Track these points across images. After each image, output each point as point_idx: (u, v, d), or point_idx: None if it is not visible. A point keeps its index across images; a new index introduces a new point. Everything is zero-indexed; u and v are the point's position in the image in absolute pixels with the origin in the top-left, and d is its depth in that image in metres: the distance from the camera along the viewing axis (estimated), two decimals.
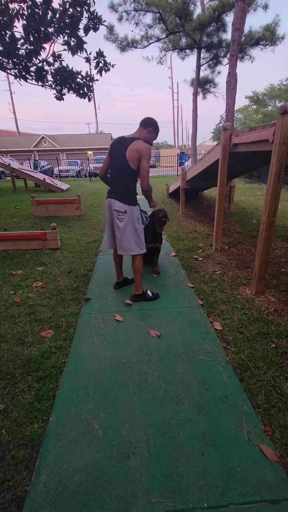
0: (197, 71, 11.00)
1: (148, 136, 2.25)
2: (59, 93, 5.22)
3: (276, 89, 30.16)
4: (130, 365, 1.74)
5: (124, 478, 1.13)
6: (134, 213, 2.27)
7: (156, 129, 2.27)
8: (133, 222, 2.28)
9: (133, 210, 2.27)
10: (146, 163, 2.16)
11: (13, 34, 4.33)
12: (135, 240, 2.32)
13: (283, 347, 1.81)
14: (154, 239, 2.93)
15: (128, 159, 2.14)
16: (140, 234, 2.35)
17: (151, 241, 2.88)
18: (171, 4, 9.59)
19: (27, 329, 2.10)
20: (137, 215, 2.31)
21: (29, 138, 30.93)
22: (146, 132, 2.24)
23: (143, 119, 2.26)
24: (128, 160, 2.15)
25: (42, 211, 5.94)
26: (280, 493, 1.06)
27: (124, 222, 2.26)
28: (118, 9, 9.98)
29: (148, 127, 2.24)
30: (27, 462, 1.20)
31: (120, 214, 2.25)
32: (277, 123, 2.01)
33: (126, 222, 2.26)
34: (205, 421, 1.36)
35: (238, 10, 5.92)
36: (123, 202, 2.25)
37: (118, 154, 2.19)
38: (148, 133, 2.25)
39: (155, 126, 2.26)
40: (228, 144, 3.15)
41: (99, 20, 4.51)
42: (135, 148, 2.12)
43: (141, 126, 2.25)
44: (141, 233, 2.36)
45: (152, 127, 2.25)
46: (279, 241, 3.92)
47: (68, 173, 18.35)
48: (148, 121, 2.25)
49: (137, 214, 2.31)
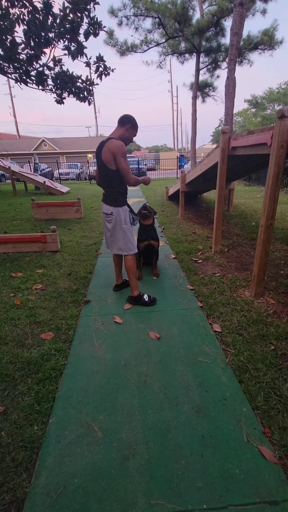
0: (196, 75, 11.09)
1: (126, 134, 2.22)
2: (59, 97, 5.26)
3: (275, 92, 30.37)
4: (130, 367, 1.74)
5: (123, 480, 1.13)
6: (120, 214, 2.27)
7: (134, 126, 2.23)
8: (120, 223, 2.29)
9: (119, 212, 2.27)
10: (121, 161, 2.11)
11: (13, 39, 4.37)
12: (124, 241, 2.33)
13: (282, 349, 1.82)
14: (147, 236, 2.90)
15: (104, 162, 2.14)
16: (129, 234, 2.34)
17: (144, 238, 2.89)
18: (171, 9, 9.69)
19: (27, 331, 2.10)
20: (124, 216, 2.29)
21: (30, 141, 31.06)
22: (124, 130, 2.21)
23: (120, 117, 2.21)
24: (105, 163, 2.14)
25: (42, 214, 5.96)
26: (279, 495, 1.07)
27: (112, 223, 2.30)
28: (117, 14, 10.08)
29: (125, 125, 2.20)
30: (27, 464, 1.20)
31: (107, 216, 2.31)
32: (275, 126, 2.03)
33: (114, 223, 2.29)
34: (204, 423, 1.36)
35: (236, 15, 5.99)
36: (109, 205, 2.28)
37: (98, 158, 2.21)
38: (126, 131, 2.21)
39: (133, 123, 2.22)
40: (227, 147, 3.18)
41: (99, 26, 4.56)
42: (107, 149, 2.10)
43: (118, 124, 2.22)
44: (129, 233, 2.34)
45: (129, 124, 2.20)
46: (278, 244, 3.94)
47: (68, 176, 18.41)
48: (125, 119, 2.20)
49: (124, 215, 2.29)
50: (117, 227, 2.31)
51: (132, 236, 2.37)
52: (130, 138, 2.26)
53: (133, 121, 2.23)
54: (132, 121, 2.21)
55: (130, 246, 2.36)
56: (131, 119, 2.22)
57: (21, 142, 31.57)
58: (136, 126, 2.26)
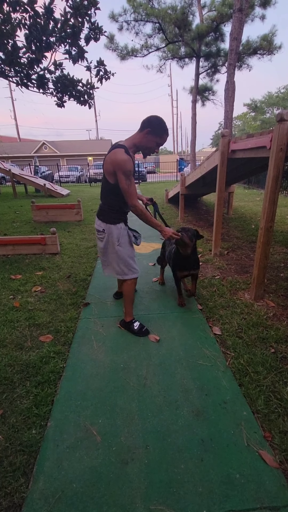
0: (196, 79, 11.19)
1: (144, 141, 1.74)
2: (60, 100, 5.30)
3: (274, 96, 30.65)
4: (129, 370, 1.73)
5: (122, 485, 1.12)
6: (113, 233, 1.88)
7: (155, 131, 1.71)
8: (112, 244, 1.90)
9: (112, 230, 1.88)
10: (122, 179, 1.68)
11: (15, 43, 4.41)
12: (117, 263, 1.96)
13: (282, 352, 1.81)
14: (185, 265, 2.31)
15: (105, 172, 1.76)
16: (124, 256, 1.93)
17: (183, 266, 2.33)
18: (171, 15, 9.80)
19: (26, 333, 2.09)
20: (118, 236, 1.89)
21: (30, 144, 31.22)
22: (141, 136, 1.74)
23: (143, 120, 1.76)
24: (105, 173, 1.76)
25: (42, 216, 5.97)
26: (280, 500, 1.05)
27: (104, 242, 1.93)
28: (118, 19, 10.20)
29: (143, 130, 1.72)
30: (25, 468, 1.19)
31: (98, 233, 1.95)
32: (274, 130, 2.04)
33: (105, 242, 1.92)
34: (204, 427, 1.35)
35: (236, 21, 6.06)
36: (101, 220, 1.91)
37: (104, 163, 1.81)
38: (143, 137, 1.73)
39: (154, 127, 1.71)
40: (226, 150, 3.19)
41: (100, 31, 4.61)
42: (109, 159, 1.70)
43: (139, 129, 1.77)
44: (125, 255, 1.94)
45: (148, 129, 1.70)
46: (278, 246, 3.94)
47: (68, 178, 18.49)
48: (145, 121, 1.73)
49: (118, 235, 1.89)
50: (109, 248, 1.93)
51: (130, 257, 1.97)
52: (149, 147, 1.77)
53: (155, 124, 1.72)
54: (152, 125, 1.71)
55: (126, 270, 1.97)
56: (152, 121, 1.71)
57: (22, 145, 31.72)
58: (160, 132, 1.73)
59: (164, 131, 1.75)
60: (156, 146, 1.78)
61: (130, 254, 1.97)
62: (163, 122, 1.75)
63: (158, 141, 1.77)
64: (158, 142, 1.77)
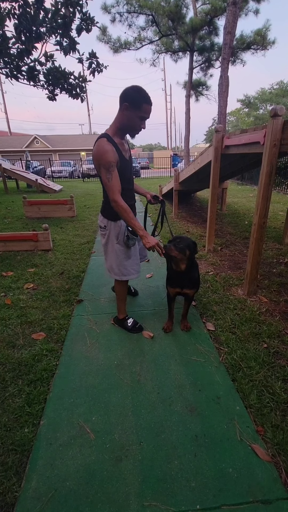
0: (189, 73, 11.09)
1: (125, 120, 1.52)
2: (52, 93, 5.18)
3: (267, 93, 30.68)
4: (123, 367, 1.72)
5: (116, 482, 1.12)
6: (113, 229, 1.79)
7: (133, 103, 1.47)
8: (112, 241, 1.82)
9: (112, 227, 1.79)
10: (103, 172, 1.54)
11: (4, 33, 4.28)
12: (115, 262, 1.87)
13: (274, 347, 1.83)
14: (177, 281, 1.90)
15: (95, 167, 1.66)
16: (121, 256, 1.84)
17: (175, 283, 1.92)
18: (164, 7, 9.65)
19: (18, 331, 2.06)
20: (116, 233, 1.79)
21: (21, 138, 30.59)
22: (121, 114, 1.52)
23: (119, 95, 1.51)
24: (95, 168, 1.66)
25: (34, 212, 5.87)
26: (272, 493, 1.07)
27: (105, 239, 1.85)
28: (111, 11, 10.00)
29: (121, 106, 1.49)
30: (17, 467, 1.18)
31: (101, 229, 1.88)
32: (267, 125, 2.03)
33: (107, 239, 1.84)
34: (197, 422, 1.35)
35: (230, 14, 6.00)
36: (104, 216, 1.83)
37: None
38: (123, 116, 1.52)
39: (131, 99, 1.46)
40: (220, 146, 3.18)
41: (91, 21, 4.50)
42: (92, 154, 1.59)
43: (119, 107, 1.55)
44: (122, 255, 1.84)
45: (125, 103, 1.47)
46: (271, 242, 3.97)
47: (61, 174, 18.22)
48: (121, 95, 1.49)
49: (116, 232, 1.79)
50: (109, 244, 1.86)
51: (126, 258, 1.86)
52: (132, 125, 1.54)
53: (131, 95, 1.46)
54: (129, 97, 1.46)
55: (117, 271, 1.87)
56: (127, 93, 1.46)
57: (13, 139, 31.06)
58: (138, 102, 1.47)
59: (144, 99, 1.47)
60: (140, 122, 1.53)
61: (128, 254, 1.85)
62: (142, 90, 1.47)
63: (140, 114, 1.51)
64: (141, 115, 1.51)
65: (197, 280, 1.94)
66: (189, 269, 1.83)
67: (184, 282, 1.88)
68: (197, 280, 1.93)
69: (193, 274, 1.88)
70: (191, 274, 1.87)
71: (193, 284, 1.91)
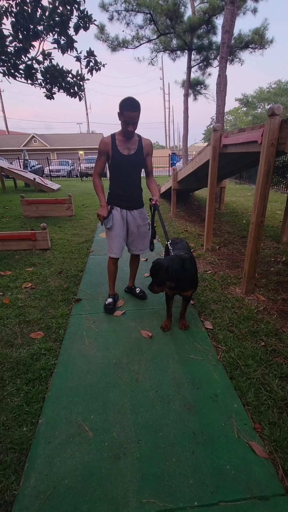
0: (188, 72, 11.08)
1: (121, 124, 1.92)
2: (49, 91, 5.16)
3: (265, 92, 30.73)
4: (121, 365, 1.73)
5: (114, 480, 1.12)
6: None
7: (120, 111, 1.85)
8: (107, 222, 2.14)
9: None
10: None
11: (1, 31, 4.25)
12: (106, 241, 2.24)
13: (272, 345, 1.84)
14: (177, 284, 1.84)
15: None
16: (107, 236, 2.20)
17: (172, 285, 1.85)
18: (162, 6, 9.63)
19: (16, 330, 2.06)
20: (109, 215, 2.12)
21: (19, 137, 30.44)
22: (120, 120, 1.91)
23: None
24: None
25: (32, 211, 5.86)
26: (269, 490, 1.08)
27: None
28: (109, 9, 9.96)
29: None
30: (16, 466, 1.18)
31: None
32: (265, 124, 2.04)
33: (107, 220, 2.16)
34: (195, 420, 1.36)
35: (228, 13, 6.00)
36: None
37: None
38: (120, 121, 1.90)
39: (119, 108, 1.83)
40: (218, 145, 3.18)
41: (89, 19, 4.49)
42: None
43: None
44: (107, 236, 2.19)
45: (118, 111, 1.87)
46: (268, 241, 3.98)
47: (59, 173, 18.17)
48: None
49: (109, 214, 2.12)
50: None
51: (110, 239, 2.18)
52: (123, 128, 1.91)
53: (119, 104, 1.82)
54: (119, 106, 1.83)
55: (109, 248, 2.22)
56: (119, 104, 1.83)
57: (10, 138, 30.90)
58: (121, 109, 1.82)
59: (125, 107, 1.79)
60: (125, 125, 1.87)
61: (109, 235, 2.17)
62: (127, 99, 1.80)
63: (124, 119, 1.85)
64: (124, 119, 1.85)
65: (195, 280, 1.95)
66: (189, 269, 1.83)
67: (181, 282, 1.86)
68: (195, 280, 1.94)
69: (190, 275, 1.87)
70: (190, 275, 1.86)
71: (191, 284, 1.92)
